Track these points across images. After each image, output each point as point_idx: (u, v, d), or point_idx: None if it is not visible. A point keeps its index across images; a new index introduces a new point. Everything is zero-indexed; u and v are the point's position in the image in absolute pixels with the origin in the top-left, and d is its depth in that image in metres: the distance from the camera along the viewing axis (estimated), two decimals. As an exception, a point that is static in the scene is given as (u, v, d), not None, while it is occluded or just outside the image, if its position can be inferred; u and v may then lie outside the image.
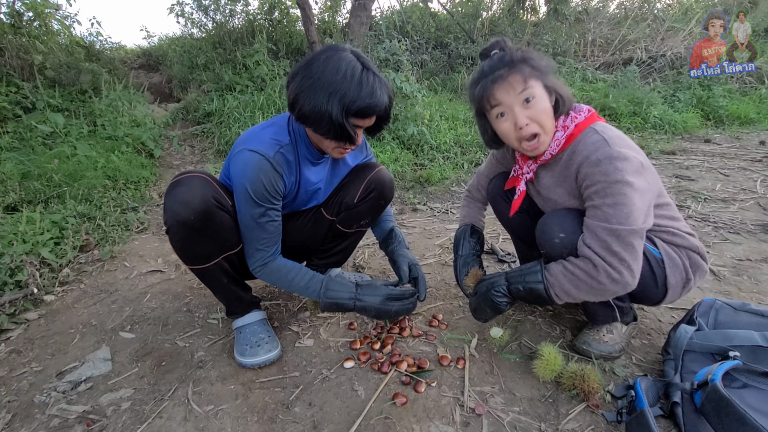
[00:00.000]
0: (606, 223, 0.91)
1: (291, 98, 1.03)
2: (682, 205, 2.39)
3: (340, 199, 1.33)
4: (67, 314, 1.47)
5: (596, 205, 0.93)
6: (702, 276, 1.08)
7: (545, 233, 1.06)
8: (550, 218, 1.08)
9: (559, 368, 1.06)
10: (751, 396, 0.89)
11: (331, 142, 1.08)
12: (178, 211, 1.00)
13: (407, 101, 3.37)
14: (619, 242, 0.90)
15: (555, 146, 1.04)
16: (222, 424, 0.99)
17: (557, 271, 0.99)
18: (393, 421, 0.98)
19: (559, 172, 1.07)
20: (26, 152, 2.69)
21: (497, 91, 0.98)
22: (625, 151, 0.93)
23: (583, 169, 0.96)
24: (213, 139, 3.79)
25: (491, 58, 1.02)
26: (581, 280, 0.95)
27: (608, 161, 0.92)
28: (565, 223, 1.03)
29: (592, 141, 0.97)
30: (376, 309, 1.16)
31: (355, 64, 1.00)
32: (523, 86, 0.96)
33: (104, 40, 5.16)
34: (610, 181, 0.91)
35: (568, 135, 1.02)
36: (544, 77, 0.99)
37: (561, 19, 5.90)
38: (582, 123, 1.02)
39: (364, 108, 1.00)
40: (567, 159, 1.04)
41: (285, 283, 1.18)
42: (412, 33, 5.44)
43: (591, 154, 0.95)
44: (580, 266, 0.95)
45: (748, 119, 4.73)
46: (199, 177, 1.05)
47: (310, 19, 4.36)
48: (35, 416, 1.02)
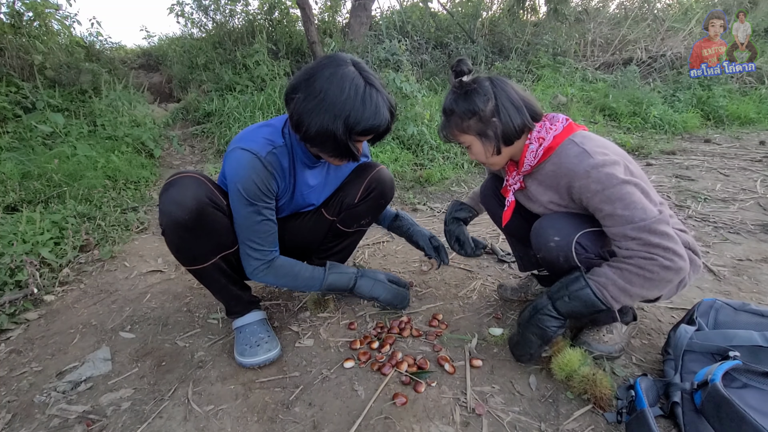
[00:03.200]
0: (631, 224, 0.90)
1: (295, 119, 1.03)
2: (682, 205, 2.39)
3: (340, 199, 1.33)
4: (67, 314, 1.47)
5: (609, 213, 0.92)
6: (696, 271, 1.07)
7: (540, 237, 1.06)
8: (544, 222, 1.08)
9: (573, 369, 1.03)
10: (751, 396, 0.89)
11: (332, 158, 1.10)
12: (172, 212, 1.01)
13: (407, 101, 3.37)
14: (653, 234, 0.88)
15: (532, 158, 1.04)
16: (222, 424, 0.99)
17: (605, 272, 0.96)
18: (393, 421, 0.98)
19: (547, 183, 1.07)
20: (26, 152, 2.69)
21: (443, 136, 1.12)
22: (606, 158, 0.94)
23: (575, 183, 0.96)
24: (213, 139, 3.80)
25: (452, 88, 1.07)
26: (634, 274, 0.91)
27: (596, 170, 0.92)
28: (559, 225, 1.04)
29: (574, 154, 0.98)
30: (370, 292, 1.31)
31: (358, 81, 0.99)
32: (456, 139, 1.09)
33: (104, 40, 5.16)
34: (608, 185, 0.91)
35: (546, 147, 1.03)
36: (475, 127, 1.03)
37: (561, 19, 5.91)
38: (560, 135, 1.02)
39: (368, 129, 1.02)
40: (551, 169, 1.04)
41: (290, 279, 1.20)
42: (412, 33, 5.44)
43: (576, 168, 0.96)
44: (630, 263, 0.92)
45: (748, 119, 4.73)
46: (191, 177, 1.05)
47: (310, 19, 4.36)
48: (35, 416, 1.02)
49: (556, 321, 1.02)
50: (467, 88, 1.02)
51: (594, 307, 0.96)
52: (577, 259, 1.02)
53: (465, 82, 1.03)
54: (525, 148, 1.05)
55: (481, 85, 1.02)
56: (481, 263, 1.78)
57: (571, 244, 1.01)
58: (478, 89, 1.01)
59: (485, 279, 1.65)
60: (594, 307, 0.96)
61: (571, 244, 1.01)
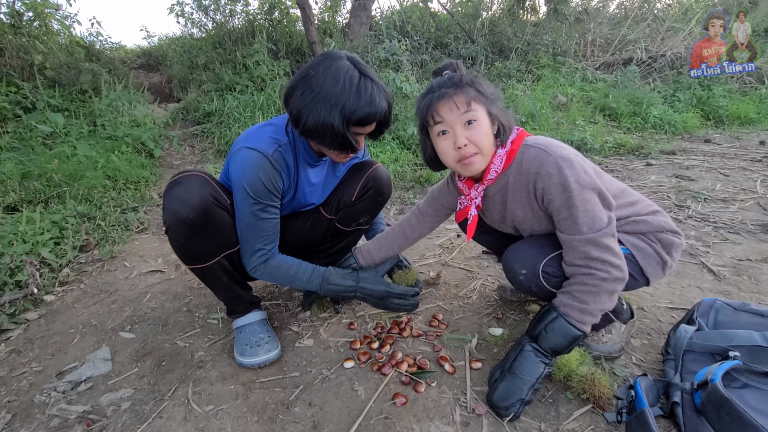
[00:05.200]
0: (579, 234, 0.94)
1: (294, 115, 1.04)
2: (682, 205, 2.39)
3: (338, 198, 1.33)
4: (67, 314, 1.47)
5: (564, 218, 0.96)
6: (678, 250, 1.07)
7: (510, 271, 1.11)
8: (509, 256, 1.11)
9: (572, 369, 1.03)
10: (751, 396, 0.89)
11: (334, 152, 1.10)
12: (177, 210, 1.01)
13: (407, 101, 3.37)
14: (596, 247, 0.94)
15: (498, 163, 1.03)
16: (222, 424, 0.99)
17: (561, 300, 1.00)
18: (393, 421, 0.98)
19: (511, 193, 1.06)
20: (26, 152, 2.69)
21: (441, 108, 0.97)
22: (564, 153, 0.96)
23: (539, 184, 0.98)
24: (213, 139, 3.80)
25: (441, 77, 1.02)
26: (583, 292, 0.96)
27: (557, 171, 0.94)
28: (523, 258, 1.08)
29: (534, 155, 0.99)
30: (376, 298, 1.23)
31: (353, 73, 1.01)
32: (466, 107, 0.96)
33: (104, 40, 5.17)
34: (567, 189, 0.93)
35: (508, 152, 1.03)
36: (489, 104, 1.00)
37: (561, 19, 5.91)
38: (516, 139, 1.04)
39: (364, 117, 1.02)
40: (515, 178, 1.03)
41: (287, 278, 1.19)
42: (412, 33, 5.44)
43: (539, 168, 0.97)
44: (575, 282, 0.98)
45: (748, 119, 4.73)
46: (197, 176, 1.05)
47: (310, 19, 4.36)
48: (35, 416, 1.02)
49: (544, 357, 1.01)
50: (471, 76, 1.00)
51: (570, 335, 0.98)
52: (548, 285, 1.05)
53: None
54: (493, 155, 1.02)
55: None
56: (481, 263, 1.78)
57: (538, 275, 1.04)
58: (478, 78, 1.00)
59: (485, 279, 1.65)
60: (570, 334, 0.98)
61: (539, 274, 1.04)
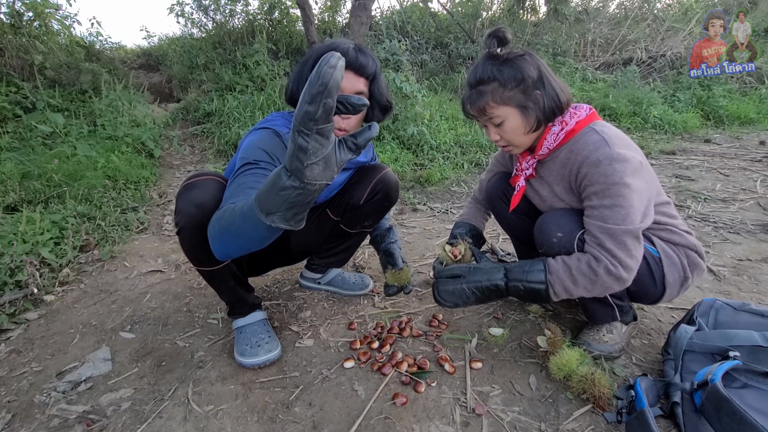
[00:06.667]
0: (602, 222, 0.93)
1: (288, 94, 1.11)
2: (682, 205, 2.39)
3: (346, 200, 1.33)
4: (67, 314, 1.47)
5: (594, 205, 0.95)
6: (700, 274, 1.08)
7: (543, 233, 1.07)
8: (548, 218, 1.08)
9: (572, 369, 1.03)
10: (751, 396, 0.89)
11: None
12: (192, 213, 0.99)
13: (407, 101, 3.37)
14: (612, 240, 0.92)
15: (552, 141, 1.04)
16: (222, 424, 0.99)
17: (557, 268, 0.99)
18: (393, 421, 0.98)
19: (557, 170, 1.07)
20: (26, 152, 2.69)
21: (472, 110, 1.03)
22: (624, 152, 0.93)
23: (583, 168, 0.97)
24: (213, 139, 3.79)
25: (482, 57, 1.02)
26: (581, 273, 0.96)
27: (608, 162, 0.92)
28: (562, 222, 1.04)
29: (593, 141, 0.98)
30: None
31: (341, 41, 1.04)
32: (489, 114, 1.01)
33: (104, 40, 5.18)
34: (609, 182, 0.92)
35: (568, 131, 1.02)
36: (521, 95, 0.98)
37: (561, 19, 5.90)
38: (582, 120, 1.02)
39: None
40: (566, 157, 1.04)
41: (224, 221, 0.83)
42: (412, 33, 5.44)
43: (591, 154, 0.96)
44: (578, 259, 0.97)
45: (748, 119, 4.73)
46: (213, 180, 1.04)
47: (310, 19, 4.36)
48: (35, 416, 1.02)
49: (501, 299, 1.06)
50: (509, 56, 0.99)
51: (537, 299, 1.02)
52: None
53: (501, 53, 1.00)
54: (546, 131, 1.03)
55: (526, 54, 1.00)
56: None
57: (573, 241, 1.01)
58: (525, 56, 0.99)
59: (485, 279, 1.64)
60: (538, 298, 1.01)
61: (574, 241, 1.01)
